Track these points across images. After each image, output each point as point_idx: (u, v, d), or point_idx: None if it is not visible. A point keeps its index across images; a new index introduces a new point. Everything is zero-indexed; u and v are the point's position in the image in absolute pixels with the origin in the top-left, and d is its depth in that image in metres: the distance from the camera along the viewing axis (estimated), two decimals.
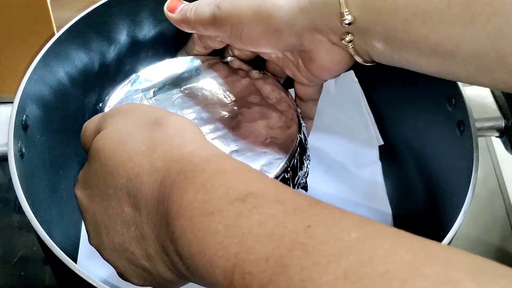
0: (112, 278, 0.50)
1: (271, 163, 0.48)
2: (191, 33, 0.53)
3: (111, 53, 0.57)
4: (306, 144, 0.52)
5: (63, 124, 0.54)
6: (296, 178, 0.50)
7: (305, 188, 0.52)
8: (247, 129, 0.51)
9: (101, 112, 0.51)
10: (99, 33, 0.55)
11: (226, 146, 0.50)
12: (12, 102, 0.48)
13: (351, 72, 0.62)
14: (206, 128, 0.51)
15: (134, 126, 0.37)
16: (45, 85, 0.51)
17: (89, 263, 0.50)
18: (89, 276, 0.40)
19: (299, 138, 0.50)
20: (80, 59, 0.55)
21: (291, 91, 0.56)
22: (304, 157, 0.51)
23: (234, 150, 0.49)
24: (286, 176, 0.49)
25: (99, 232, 0.37)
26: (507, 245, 0.58)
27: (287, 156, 0.49)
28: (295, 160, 0.50)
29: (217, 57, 0.56)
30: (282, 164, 0.48)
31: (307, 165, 0.51)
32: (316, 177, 0.57)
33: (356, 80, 0.62)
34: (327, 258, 0.25)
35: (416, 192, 0.51)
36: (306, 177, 0.52)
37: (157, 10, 0.57)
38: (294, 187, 0.50)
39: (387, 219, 0.55)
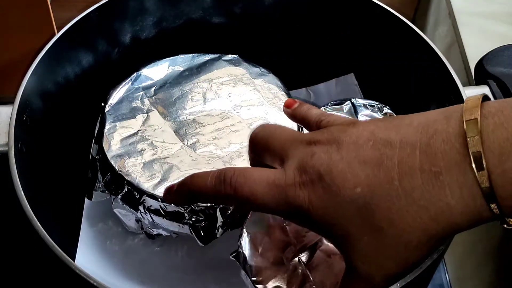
0: (111, 278, 0.50)
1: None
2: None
3: (112, 52, 0.57)
4: None
5: (63, 124, 0.54)
6: None
7: None
8: (247, 131, 0.51)
9: (103, 111, 0.51)
10: (99, 32, 0.55)
11: (226, 147, 0.50)
12: (13, 102, 0.48)
13: (352, 75, 0.62)
14: (206, 128, 0.51)
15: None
16: (45, 85, 0.51)
17: (87, 263, 0.50)
18: (89, 275, 0.40)
19: None
20: (80, 58, 0.55)
21: (292, 92, 0.56)
22: None
23: (233, 151, 0.49)
24: None
25: None
26: (507, 246, 0.58)
27: None
28: None
29: (217, 54, 0.56)
30: None
31: None
32: None
33: (356, 82, 0.62)
34: None
35: None
36: None
37: (157, 9, 0.57)
38: None
39: None
